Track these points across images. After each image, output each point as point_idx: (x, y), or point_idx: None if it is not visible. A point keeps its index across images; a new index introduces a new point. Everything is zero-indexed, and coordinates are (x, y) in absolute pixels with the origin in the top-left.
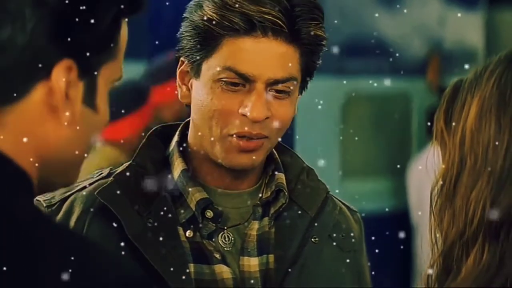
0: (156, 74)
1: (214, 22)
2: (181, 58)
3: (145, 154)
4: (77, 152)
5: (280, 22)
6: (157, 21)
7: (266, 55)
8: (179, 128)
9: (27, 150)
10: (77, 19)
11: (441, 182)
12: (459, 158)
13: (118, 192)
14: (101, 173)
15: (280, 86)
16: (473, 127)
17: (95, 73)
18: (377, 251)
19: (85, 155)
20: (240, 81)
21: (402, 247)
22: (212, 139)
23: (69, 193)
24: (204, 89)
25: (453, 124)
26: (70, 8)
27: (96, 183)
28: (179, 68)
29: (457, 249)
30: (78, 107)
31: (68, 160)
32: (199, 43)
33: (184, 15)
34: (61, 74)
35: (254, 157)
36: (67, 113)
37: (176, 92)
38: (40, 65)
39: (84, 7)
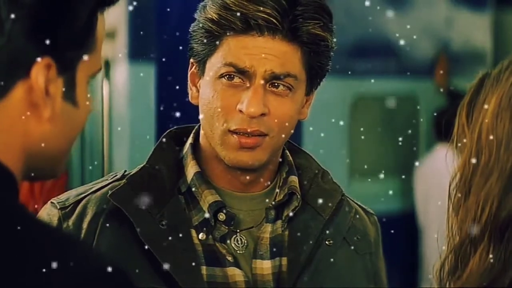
0: None
1: (214, 22)
2: (191, 60)
3: (159, 156)
4: (60, 147)
5: (274, 21)
6: (164, 22)
7: (264, 51)
8: (194, 130)
9: (10, 147)
10: (53, 17)
11: (458, 176)
12: (475, 154)
13: (131, 194)
14: (115, 175)
15: (279, 82)
16: (489, 124)
17: (74, 68)
18: (385, 252)
19: (69, 149)
20: (239, 76)
21: (409, 248)
22: (215, 137)
23: (83, 195)
24: (207, 87)
25: (473, 118)
26: (46, 7)
27: (110, 185)
28: (190, 70)
29: (466, 246)
30: (58, 103)
31: (52, 155)
32: (202, 42)
33: (195, 16)
34: (40, 72)
35: (255, 155)
36: (48, 110)
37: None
38: (19, 64)
39: (59, 5)
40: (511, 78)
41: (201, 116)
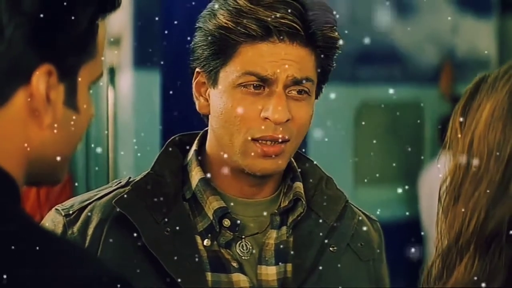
0: None
1: (230, 30)
2: (197, 69)
3: (163, 163)
4: (61, 153)
5: (296, 26)
6: (170, 29)
7: (283, 57)
8: (198, 137)
9: (11, 154)
10: (54, 24)
11: (449, 180)
12: (466, 160)
13: (136, 200)
14: (120, 182)
15: (298, 87)
16: (481, 132)
17: (75, 75)
18: (390, 258)
19: (70, 154)
20: (260, 84)
21: (413, 254)
22: (235, 146)
23: (87, 202)
24: (223, 96)
25: (467, 124)
26: (47, 13)
27: (114, 192)
28: (194, 79)
29: (452, 253)
30: (59, 109)
31: (53, 160)
32: (215, 51)
33: (197, 25)
34: (41, 79)
35: (278, 162)
36: (49, 116)
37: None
38: (20, 71)
39: (60, 12)
40: (506, 87)
41: (216, 127)
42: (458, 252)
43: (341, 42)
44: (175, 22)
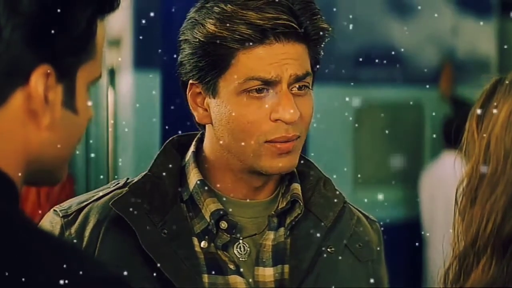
0: None
1: (224, 38)
2: (190, 81)
3: (161, 164)
4: (60, 154)
5: (292, 24)
6: (170, 31)
7: (282, 57)
8: (196, 139)
9: (10, 155)
10: (52, 25)
11: (465, 182)
12: (482, 162)
13: (133, 202)
14: (118, 183)
15: (299, 83)
16: (498, 134)
17: (73, 75)
18: (389, 260)
19: (69, 155)
20: (263, 87)
21: (414, 256)
22: (247, 151)
23: (85, 203)
24: (227, 105)
25: (483, 126)
26: (45, 14)
27: (112, 193)
28: (189, 91)
29: (469, 255)
30: (57, 110)
31: (52, 161)
32: (210, 61)
33: (181, 38)
34: (40, 80)
35: (291, 159)
36: (47, 117)
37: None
38: (18, 72)
39: (58, 12)
40: None
41: (221, 135)
42: (475, 254)
43: (330, 29)
44: (176, 23)
